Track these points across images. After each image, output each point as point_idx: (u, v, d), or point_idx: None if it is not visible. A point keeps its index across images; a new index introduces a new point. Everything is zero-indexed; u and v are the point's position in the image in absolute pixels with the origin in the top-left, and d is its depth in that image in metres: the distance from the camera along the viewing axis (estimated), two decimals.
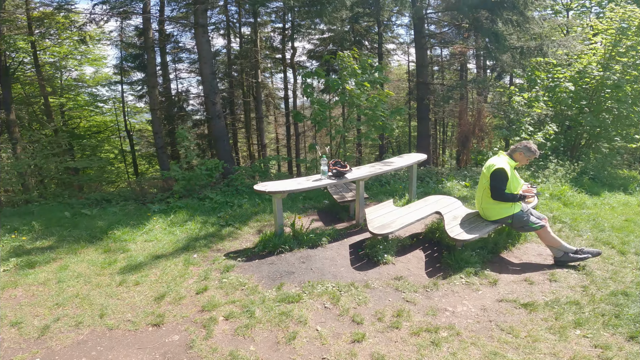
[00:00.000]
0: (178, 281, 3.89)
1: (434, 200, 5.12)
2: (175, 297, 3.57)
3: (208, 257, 4.49)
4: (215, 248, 4.75)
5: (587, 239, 4.97)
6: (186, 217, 6.00)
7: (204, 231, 5.33)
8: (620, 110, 9.14)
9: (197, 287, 3.74)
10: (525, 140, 4.28)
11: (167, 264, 4.32)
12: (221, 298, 3.51)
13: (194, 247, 4.75)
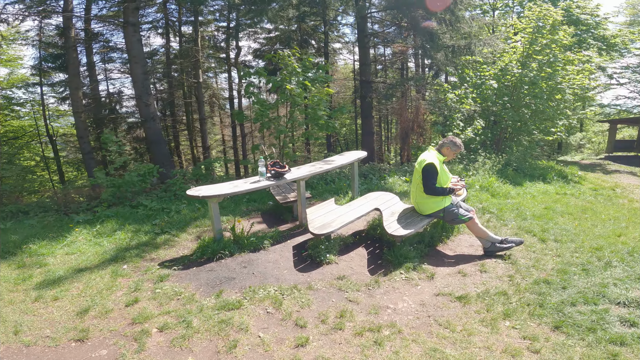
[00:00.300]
0: (104, 294, 3.57)
1: (374, 197, 5.23)
2: (101, 310, 3.28)
3: (140, 267, 4.17)
4: (149, 258, 4.44)
5: (512, 227, 5.39)
6: (116, 226, 5.54)
7: (136, 240, 4.96)
8: (537, 106, 10.08)
9: (126, 299, 3.47)
10: (452, 135, 4.52)
11: (91, 277, 3.95)
12: (154, 309, 3.28)
13: (123, 258, 4.40)
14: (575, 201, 7.28)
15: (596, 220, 5.99)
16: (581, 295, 3.39)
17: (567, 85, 10.13)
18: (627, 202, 7.73)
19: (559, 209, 6.45)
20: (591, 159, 17.43)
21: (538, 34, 10.22)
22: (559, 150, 22.79)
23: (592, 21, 16.79)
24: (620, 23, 24.12)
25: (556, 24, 10.35)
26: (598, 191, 8.50)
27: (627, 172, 12.60)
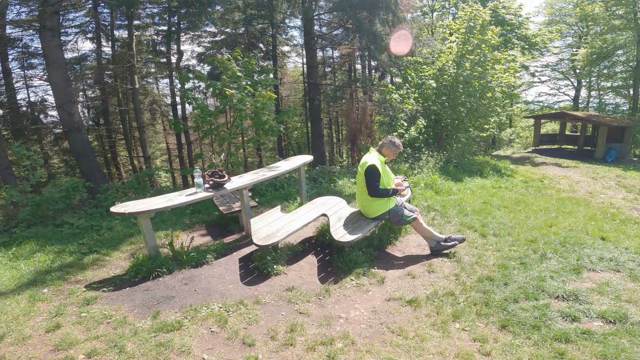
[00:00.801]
0: (21, 320, 3.15)
1: (321, 203, 5.13)
2: (18, 337, 2.89)
3: (63, 290, 3.72)
4: (74, 280, 3.97)
5: (455, 224, 5.57)
6: (35, 247, 4.94)
7: (59, 262, 4.43)
8: (472, 104, 10.69)
9: (47, 324, 3.07)
10: (391, 135, 4.57)
11: (5, 302, 3.45)
12: (80, 334, 2.93)
13: (43, 282, 3.89)
14: (509, 194, 7.77)
15: (529, 212, 6.42)
16: (522, 290, 3.53)
17: (496, 84, 10.87)
18: (554, 192, 8.42)
19: (496, 203, 6.83)
20: (521, 153, 18.95)
21: (470, 34, 10.84)
22: (493, 146, 24.56)
23: (515, 21, 18.20)
24: (540, 23, 26.57)
25: (485, 24, 11.05)
26: (529, 183, 9.19)
27: (553, 164, 13.84)
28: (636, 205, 7.67)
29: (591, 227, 5.80)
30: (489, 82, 10.58)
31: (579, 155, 17.73)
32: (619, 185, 9.71)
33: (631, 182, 10.31)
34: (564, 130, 21.51)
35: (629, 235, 5.49)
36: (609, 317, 3.02)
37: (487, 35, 10.99)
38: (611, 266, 4.09)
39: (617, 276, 3.90)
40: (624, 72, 24.29)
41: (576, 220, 6.12)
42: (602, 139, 16.99)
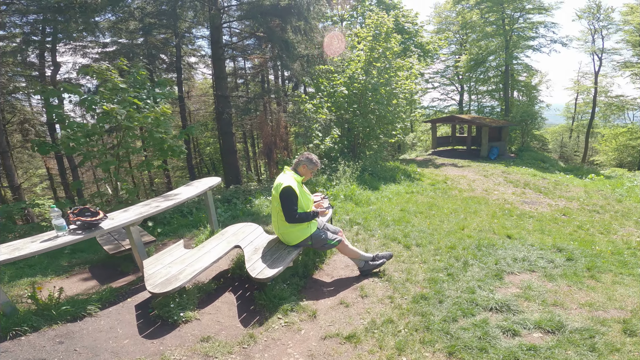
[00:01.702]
0: None
1: (232, 233, 4.48)
2: None
3: None
4: None
5: (378, 237, 5.43)
6: None
7: None
8: (380, 111, 11.08)
9: None
10: (307, 152, 4.14)
11: None
12: None
13: None
14: (422, 199, 8.08)
15: (442, 216, 6.67)
16: (458, 307, 3.40)
17: (400, 90, 11.47)
18: (457, 192, 9.06)
19: (412, 209, 6.97)
20: (423, 155, 20.64)
21: (376, 41, 11.26)
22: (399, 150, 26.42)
23: (412, 29, 19.85)
24: (431, 31, 29.56)
25: (389, 31, 11.60)
26: (435, 185, 9.78)
27: (451, 165, 15.22)
28: (525, 199, 8.65)
29: (496, 225, 6.23)
30: (393, 89, 11.08)
31: (468, 154, 19.95)
32: (506, 180, 10.98)
33: (515, 177, 11.77)
34: (454, 132, 24.17)
35: (529, 231, 6.02)
36: (545, 327, 3.02)
37: (391, 43, 11.54)
38: (526, 267, 4.29)
39: (534, 277, 4.08)
40: (495, 76, 28.35)
41: (482, 220, 6.54)
42: (485, 139, 19.39)
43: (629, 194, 10.00)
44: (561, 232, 6.01)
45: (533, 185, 10.20)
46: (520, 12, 24.59)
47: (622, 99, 28.72)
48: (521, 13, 24.67)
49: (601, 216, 7.32)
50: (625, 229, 6.54)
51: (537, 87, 29.06)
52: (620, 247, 5.36)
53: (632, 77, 27.43)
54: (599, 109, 29.59)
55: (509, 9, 23.97)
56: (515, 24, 24.79)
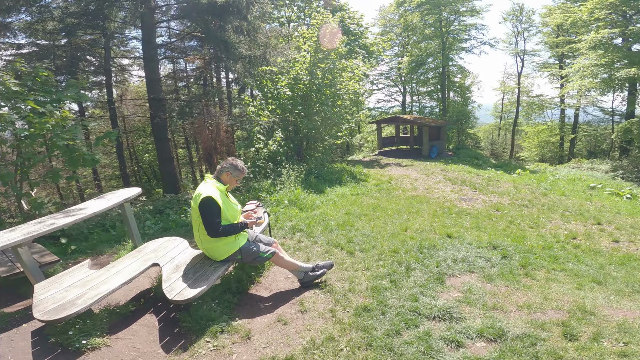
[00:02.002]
0: None
1: (152, 249, 3.96)
2: None
3: None
4: None
5: (321, 244, 5.20)
6: None
7: None
8: (325, 112, 10.94)
9: None
10: (232, 158, 3.75)
11: None
12: None
13: None
14: (367, 200, 8.04)
15: (386, 217, 6.63)
16: (401, 318, 3.25)
17: (344, 91, 11.43)
18: (401, 192, 9.19)
19: (357, 212, 6.86)
20: (370, 156, 21.02)
21: (320, 42, 11.11)
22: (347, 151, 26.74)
23: (358, 31, 20.09)
24: (375, 33, 30.27)
25: (334, 32, 11.52)
26: (380, 186, 9.84)
27: (395, 164, 15.60)
28: (462, 196, 8.99)
29: (437, 224, 6.32)
30: (338, 90, 11.00)
31: (412, 153, 20.70)
32: (445, 178, 11.42)
33: (453, 174, 12.31)
34: (398, 132, 25.00)
35: (467, 228, 6.17)
36: (488, 335, 2.96)
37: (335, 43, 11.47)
38: (465, 267, 4.30)
39: (474, 278, 4.09)
40: (434, 77, 29.82)
41: (424, 220, 6.61)
42: (425, 138, 20.25)
43: (553, 187, 10.89)
44: (495, 228, 6.25)
45: (469, 183, 10.70)
46: (455, 15, 26.11)
47: (541, 98, 31.74)
48: (456, 16, 26.22)
49: (530, 210, 7.81)
50: (553, 222, 7.00)
51: (470, 88, 31.11)
52: (549, 241, 5.68)
53: (550, 78, 30.45)
54: (522, 108, 32.40)
55: (445, 11, 25.34)
56: (451, 26, 26.27)
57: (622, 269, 4.65)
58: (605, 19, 18.67)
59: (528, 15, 30.22)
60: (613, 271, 4.55)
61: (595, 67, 18.78)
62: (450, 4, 24.69)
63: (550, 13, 26.62)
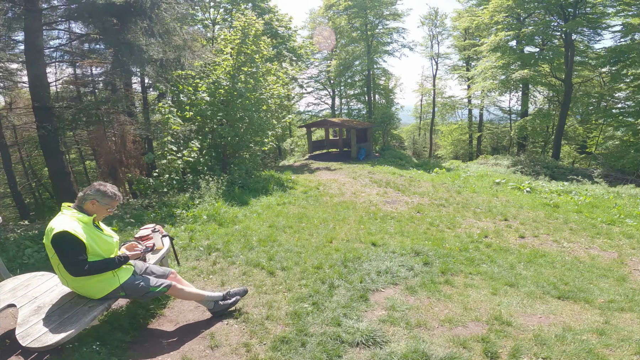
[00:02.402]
0: None
1: (11, 287, 3.18)
2: None
3: None
4: None
5: (240, 264, 4.75)
6: None
7: None
8: (250, 118, 10.42)
9: None
10: (98, 182, 3.10)
11: None
12: None
13: None
14: (293, 210, 7.74)
15: (312, 228, 6.39)
16: (322, 348, 2.97)
17: (269, 96, 11.02)
18: (329, 199, 9.06)
19: (282, 224, 6.52)
20: (300, 161, 20.84)
21: (244, 44, 10.54)
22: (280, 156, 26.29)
23: (286, 34, 19.72)
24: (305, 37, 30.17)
25: (258, 34, 11.01)
26: (308, 193, 9.62)
27: (325, 169, 15.59)
28: (387, 199, 9.17)
29: (362, 232, 6.25)
30: (261, 94, 10.55)
31: (341, 156, 21.02)
32: (371, 181, 11.64)
33: (379, 176, 12.62)
34: (327, 135, 25.26)
35: (391, 234, 6.19)
36: None
37: (260, 46, 10.98)
38: (389, 280, 4.20)
39: (397, 291, 4.00)
40: (360, 80, 30.79)
41: (350, 227, 6.50)
42: (353, 141, 20.70)
43: (465, 184, 11.72)
44: (417, 232, 6.37)
45: (393, 184, 11.02)
46: (379, 19, 27.23)
47: (453, 99, 34.74)
48: (380, 20, 27.36)
49: (447, 210, 8.20)
50: (467, 220, 7.40)
51: (393, 90, 32.81)
52: (465, 241, 5.92)
53: (459, 80, 33.47)
54: (438, 108, 35.16)
55: (371, 14, 26.29)
56: (376, 29, 27.35)
57: (530, 266, 4.97)
58: (503, 22, 20.87)
59: (441, 19, 32.83)
60: (523, 270, 4.84)
61: (495, 68, 20.89)
62: (376, 7, 25.70)
63: (460, 17, 29.15)
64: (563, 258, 5.33)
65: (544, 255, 5.38)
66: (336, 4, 26.94)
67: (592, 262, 5.28)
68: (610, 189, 12.04)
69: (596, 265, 5.13)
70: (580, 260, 5.30)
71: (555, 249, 5.78)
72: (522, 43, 21.52)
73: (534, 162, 18.88)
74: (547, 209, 8.63)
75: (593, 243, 6.18)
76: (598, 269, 4.97)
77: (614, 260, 5.42)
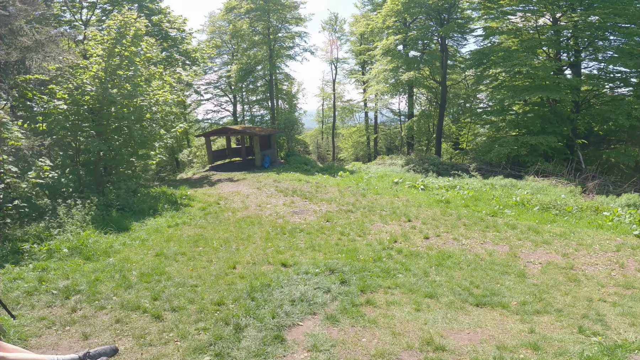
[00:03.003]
0: None
1: None
2: None
3: None
4: None
5: (112, 309, 3.67)
6: None
7: None
8: (130, 128, 8.82)
9: None
10: None
11: None
12: None
13: None
14: (188, 231, 6.65)
15: (210, 252, 5.47)
16: None
17: (153, 102, 9.51)
18: (231, 214, 8.15)
19: (172, 250, 5.45)
20: (200, 173, 19.07)
21: (119, 45, 8.90)
22: (177, 169, 23.78)
23: (179, 36, 17.71)
24: (204, 41, 27.77)
25: (140, 34, 9.46)
26: (207, 209, 8.53)
27: (227, 180, 14.42)
28: (295, 209, 8.66)
29: (270, 251, 5.59)
30: (143, 101, 9.01)
31: (245, 165, 19.97)
32: (277, 190, 11.01)
33: (285, 185, 12.10)
34: (229, 144, 23.83)
35: (302, 250, 5.66)
36: None
37: (140, 47, 9.44)
38: (305, 309, 3.65)
39: (317, 323, 3.47)
40: (262, 86, 29.92)
41: (256, 247, 5.78)
42: (257, 148, 19.85)
43: (369, 186, 11.98)
44: (329, 244, 5.96)
45: (300, 192, 10.60)
46: (282, 23, 26.78)
47: (351, 103, 36.53)
48: (283, 24, 26.92)
49: (355, 215, 8.07)
50: (375, 225, 7.32)
51: (296, 95, 32.82)
52: (377, 249, 5.71)
53: (356, 84, 35.28)
54: (338, 112, 36.52)
55: (273, 18, 25.64)
56: (278, 33, 26.83)
57: (441, 270, 4.92)
58: (393, 26, 22.44)
59: (341, 24, 34.08)
60: (436, 275, 4.74)
61: (386, 72, 22.31)
62: (279, 10, 25.18)
63: (357, 22, 30.62)
64: (466, 257, 5.48)
65: (450, 257, 5.46)
66: (237, 7, 25.64)
67: (490, 258, 5.55)
68: (485, 181, 13.68)
69: (495, 261, 5.37)
70: (481, 258, 5.52)
71: (457, 248, 5.96)
72: (407, 47, 23.50)
73: (422, 160, 20.69)
74: (441, 205, 9.20)
75: (485, 237, 6.61)
76: (498, 266, 5.18)
77: (508, 253, 5.78)
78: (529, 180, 14.11)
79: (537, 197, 9.65)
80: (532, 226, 7.19)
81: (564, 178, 14.38)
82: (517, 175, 16.23)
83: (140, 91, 8.98)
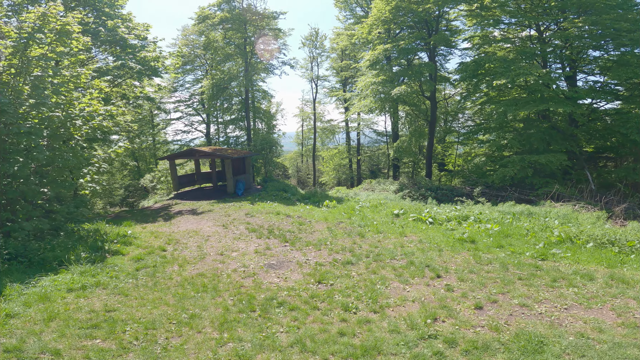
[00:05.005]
0: None
1: None
2: None
3: None
4: None
5: None
6: None
7: None
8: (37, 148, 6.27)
9: None
10: None
11: None
12: None
13: None
14: (96, 302, 4.09)
15: (111, 357, 2.94)
16: None
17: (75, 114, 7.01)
18: (176, 269, 5.59)
19: (42, 343, 2.89)
20: (163, 201, 16.29)
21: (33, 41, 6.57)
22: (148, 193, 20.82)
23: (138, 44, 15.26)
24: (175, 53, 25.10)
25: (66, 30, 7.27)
26: (143, 260, 5.93)
27: (189, 212, 11.78)
28: (271, 260, 6.18)
29: (225, 352, 3.10)
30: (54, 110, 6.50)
31: (215, 193, 17.38)
32: (249, 230, 8.49)
33: (259, 220, 9.61)
34: (199, 168, 21.15)
35: (282, 349, 3.19)
36: None
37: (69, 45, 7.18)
38: None
39: None
40: (238, 104, 27.48)
41: (201, 342, 3.28)
42: (229, 173, 17.31)
43: (364, 221, 9.65)
44: (329, 336, 3.52)
45: (278, 231, 8.13)
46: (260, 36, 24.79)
47: (332, 123, 34.55)
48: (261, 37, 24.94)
49: (357, 269, 5.67)
50: (391, 287, 4.93)
51: (275, 115, 30.64)
52: (411, 340, 3.32)
53: (337, 103, 33.50)
54: (318, 134, 34.45)
55: (250, 30, 23.64)
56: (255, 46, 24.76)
57: None
58: (379, 37, 20.81)
59: (321, 40, 32.45)
60: None
61: (374, 85, 20.41)
62: (256, 21, 23.22)
63: (338, 37, 29.05)
64: (568, 341, 3.23)
65: (542, 344, 3.16)
66: (211, 16, 23.43)
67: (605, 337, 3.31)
68: (498, 209, 11.68)
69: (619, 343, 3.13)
70: (591, 338, 3.28)
71: (539, 324, 3.71)
72: (393, 60, 21.87)
73: (417, 184, 18.67)
74: (467, 246, 6.97)
75: (564, 298, 4.41)
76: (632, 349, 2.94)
77: (623, 324, 3.57)
78: (546, 205, 12.20)
79: (582, 230, 7.54)
80: (614, 274, 5.04)
81: (583, 201, 12.60)
82: (527, 199, 14.38)
83: (55, 99, 6.48)
